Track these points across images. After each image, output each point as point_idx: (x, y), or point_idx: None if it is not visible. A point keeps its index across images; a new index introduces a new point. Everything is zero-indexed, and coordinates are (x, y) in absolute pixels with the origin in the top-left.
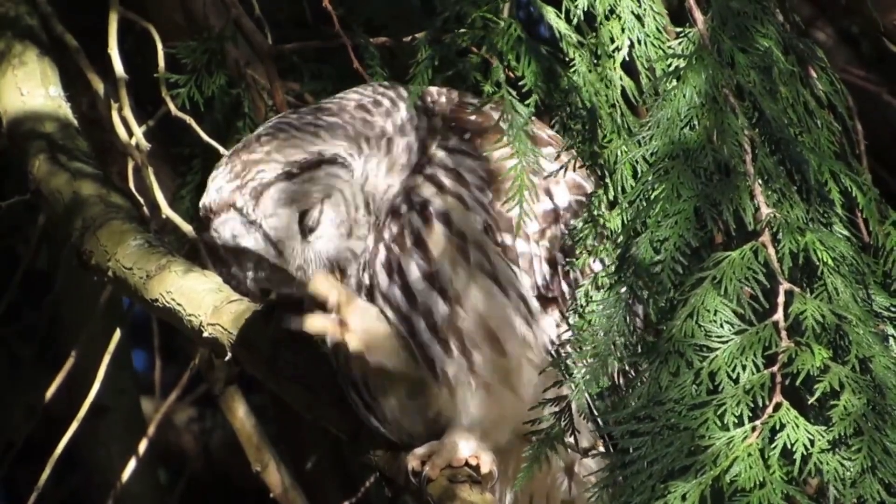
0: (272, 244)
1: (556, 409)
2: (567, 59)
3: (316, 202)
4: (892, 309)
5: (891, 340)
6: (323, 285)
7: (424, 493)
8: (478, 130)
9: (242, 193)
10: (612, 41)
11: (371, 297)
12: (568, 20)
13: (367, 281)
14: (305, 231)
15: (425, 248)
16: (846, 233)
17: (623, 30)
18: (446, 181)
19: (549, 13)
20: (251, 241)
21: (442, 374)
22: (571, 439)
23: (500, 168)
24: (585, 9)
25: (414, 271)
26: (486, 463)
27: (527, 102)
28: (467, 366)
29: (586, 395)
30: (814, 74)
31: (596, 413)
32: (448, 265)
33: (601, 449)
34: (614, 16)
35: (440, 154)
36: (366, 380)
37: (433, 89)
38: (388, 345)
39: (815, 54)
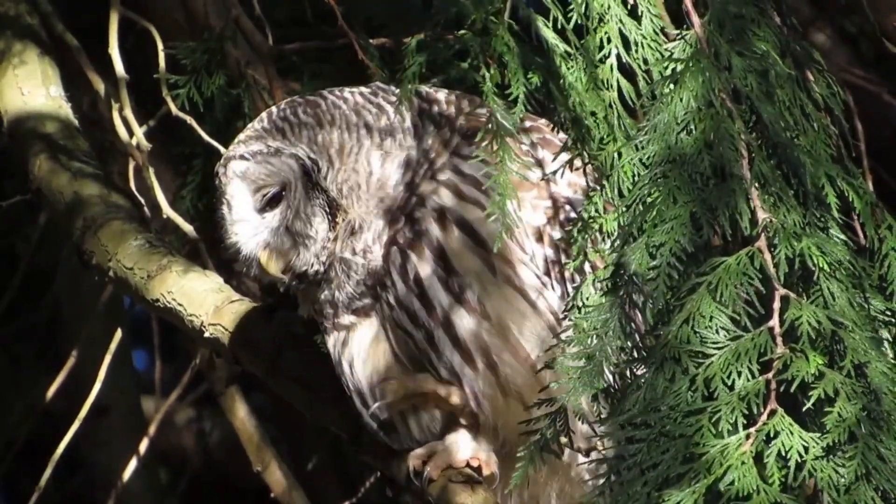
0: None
1: (551, 409)
2: (557, 66)
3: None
4: (888, 313)
5: (886, 345)
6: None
7: (425, 493)
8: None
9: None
10: (605, 45)
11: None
12: (556, 30)
13: (371, 283)
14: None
15: (443, 254)
16: (843, 237)
17: (612, 36)
18: (464, 188)
19: (539, 21)
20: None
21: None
22: (567, 442)
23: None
24: (581, 13)
25: (431, 278)
26: (487, 464)
27: (513, 111)
28: (475, 375)
29: (581, 399)
30: (811, 77)
31: (591, 418)
32: (472, 276)
33: (596, 455)
34: (602, 23)
35: (455, 161)
36: (372, 389)
37: (440, 96)
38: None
39: (812, 57)
